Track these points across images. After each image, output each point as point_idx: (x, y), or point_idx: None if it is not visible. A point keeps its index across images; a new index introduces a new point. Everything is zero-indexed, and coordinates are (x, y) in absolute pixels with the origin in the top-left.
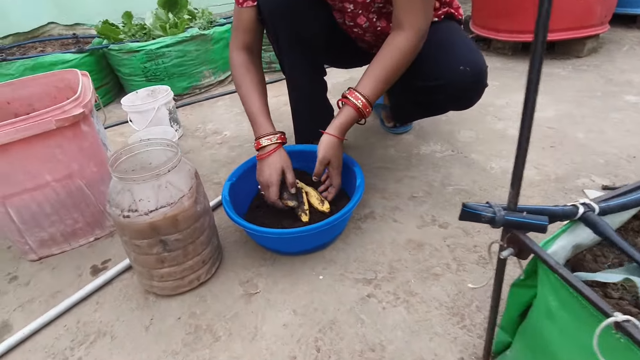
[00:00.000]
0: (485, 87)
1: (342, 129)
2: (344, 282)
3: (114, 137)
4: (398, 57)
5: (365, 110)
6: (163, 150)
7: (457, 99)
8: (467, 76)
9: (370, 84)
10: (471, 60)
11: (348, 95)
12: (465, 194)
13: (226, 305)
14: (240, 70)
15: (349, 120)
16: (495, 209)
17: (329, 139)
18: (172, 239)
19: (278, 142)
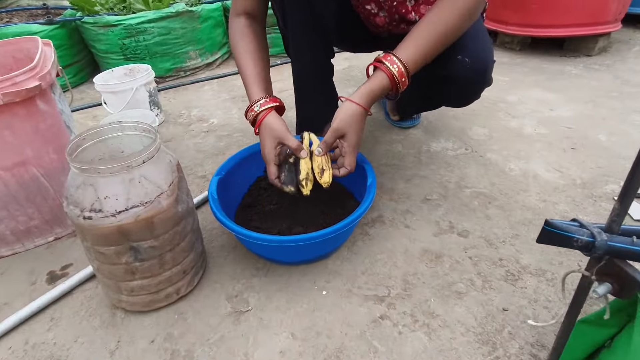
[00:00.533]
0: (486, 84)
1: (369, 97)
2: (352, 299)
3: (86, 120)
4: (453, 20)
5: (400, 79)
6: (138, 137)
7: (451, 93)
8: (465, 68)
9: (412, 49)
10: (473, 51)
11: (383, 59)
12: (485, 198)
13: (210, 325)
14: (235, 36)
15: (379, 89)
16: (592, 230)
17: (349, 107)
18: (145, 246)
19: (267, 107)
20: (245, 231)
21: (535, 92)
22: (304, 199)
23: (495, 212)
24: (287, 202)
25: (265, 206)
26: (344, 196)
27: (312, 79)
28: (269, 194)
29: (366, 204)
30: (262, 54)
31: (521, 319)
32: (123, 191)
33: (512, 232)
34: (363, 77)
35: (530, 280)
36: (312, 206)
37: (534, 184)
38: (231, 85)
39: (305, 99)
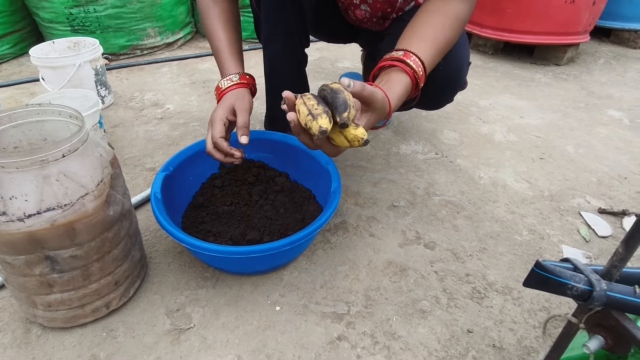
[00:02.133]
0: (460, 88)
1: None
2: (308, 316)
3: (21, 97)
4: (457, 29)
5: (420, 84)
6: (64, 123)
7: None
8: (437, 70)
9: (430, 50)
10: (449, 54)
11: (404, 58)
12: (453, 207)
13: (145, 345)
14: (206, 3)
15: (405, 94)
16: (590, 277)
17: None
18: (65, 256)
19: (240, 82)
20: (190, 239)
21: (506, 98)
22: (259, 202)
23: (464, 223)
24: (242, 203)
25: (219, 207)
26: (305, 199)
27: (285, 67)
28: (223, 193)
29: (328, 213)
30: (236, 24)
31: (486, 342)
32: (34, 191)
33: (479, 245)
34: (335, 69)
35: (497, 299)
36: (269, 208)
37: (503, 194)
38: (192, 69)
39: (276, 88)
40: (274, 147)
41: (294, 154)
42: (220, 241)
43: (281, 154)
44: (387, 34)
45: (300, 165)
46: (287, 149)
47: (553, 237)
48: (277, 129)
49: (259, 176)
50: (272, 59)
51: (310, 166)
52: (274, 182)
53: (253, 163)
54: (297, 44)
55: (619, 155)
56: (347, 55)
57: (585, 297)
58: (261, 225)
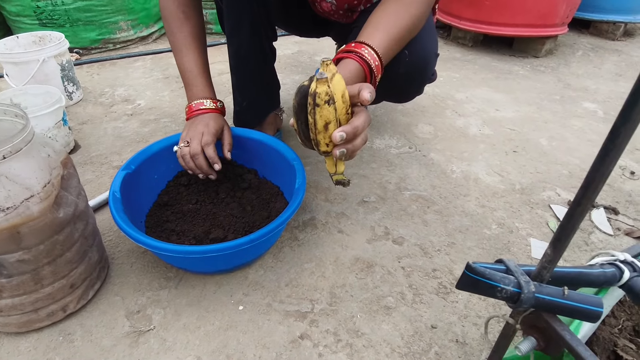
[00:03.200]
0: (427, 80)
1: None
2: (271, 315)
3: None
4: (416, 17)
5: (374, 69)
6: (11, 123)
7: (389, 88)
8: (403, 62)
9: (385, 40)
10: (413, 43)
11: (356, 48)
12: (424, 202)
13: (102, 348)
14: (176, 14)
15: (352, 74)
16: (520, 279)
17: None
18: (11, 260)
19: (216, 108)
20: (147, 239)
21: (483, 90)
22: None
23: (433, 218)
24: (208, 201)
25: (184, 205)
26: (272, 195)
27: (251, 61)
28: (189, 192)
29: (290, 211)
30: (205, 41)
31: (449, 337)
32: None
33: (448, 239)
34: (312, 63)
35: (462, 294)
36: (236, 206)
37: (474, 188)
38: (166, 63)
39: (243, 84)
40: (242, 143)
41: (262, 150)
42: (183, 240)
43: (249, 150)
44: (355, 26)
45: (268, 161)
46: (255, 145)
47: (522, 230)
48: (246, 125)
49: (226, 173)
50: (237, 51)
51: (277, 162)
52: (242, 179)
53: (221, 160)
54: (261, 37)
55: (591, 147)
56: (325, 48)
57: (514, 299)
58: (226, 224)
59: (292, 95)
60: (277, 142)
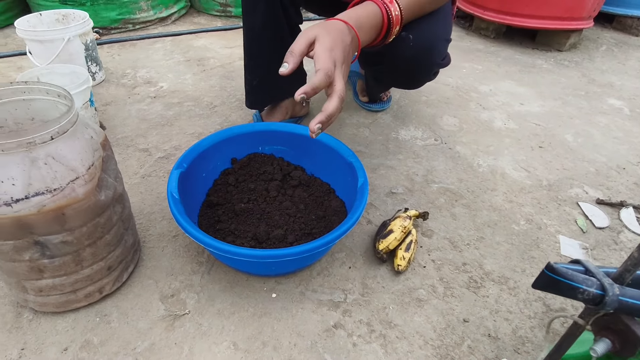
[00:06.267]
0: (436, 65)
1: (358, 21)
2: (304, 304)
3: (8, 71)
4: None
5: (393, 19)
6: (52, 103)
7: (396, 73)
8: (407, 46)
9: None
10: (418, 27)
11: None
12: (452, 195)
13: (139, 330)
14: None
15: (369, 16)
16: (603, 281)
17: (329, 22)
18: (55, 241)
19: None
20: (227, 245)
21: (507, 84)
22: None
23: (462, 212)
24: (260, 200)
25: (235, 204)
26: (324, 193)
27: (264, 38)
28: (238, 190)
29: (359, 211)
30: None
31: (481, 331)
32: (22, 175)
33: (477, 234)
34: None
35: (493, 289)
36: (289, 204)
37: (501, 183)
38: (187, 45)
39: (255, 62)
40: (288, 139)
41: (310, 146)
42: (242, 241)
43: (296, 146)
44: None
45: (317, 158)
46: (303, 141)
47: (550, 227)
48: (255, 106)
49: (274, 170)
50: (252, 28)
51: (329, 159)
52: (290, 177)
53: (267, 157)
54: (279, 15)
55: (617, 145)
56: None
57: (596, 301)
58: (283, 223)
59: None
60: (329, 138)
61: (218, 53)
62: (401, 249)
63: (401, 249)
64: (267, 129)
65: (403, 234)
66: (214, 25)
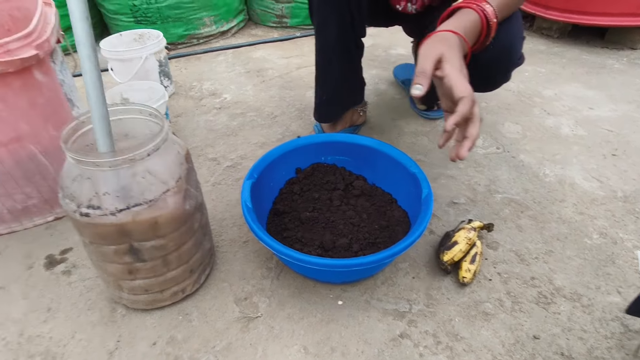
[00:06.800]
0: (514, 64)
1: (465, 31)
2: (370, 312)
3: None
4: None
5: (491, 21)
6: (144, 121)
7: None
8: (487, 48)
9: (500, 2)
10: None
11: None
12: (517, 206)
13: (217, 330)
14: None
15: (471, 26)
16: None
17: (434, 35)
18: (148, 247)
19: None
20: (307, 257)
21: (574, 87)
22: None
23: (528, 223)
24: (324, 209)
25: (301, 213)
26: (386, 203)
27: (335, 57)
28: (303, 199)
29: (425, 222)
30: None
31: (554, 349)
32: (124, 187)
33: (545, 247)
34: (388, 57)
35: (565, 305)
36: (353, 214)
37: (570, 194)
38: (246, 57)
39: (326, 78)
40: (350, 149)
41: (371, 156)
42: (309, 249)
43: (357, 156)
44: (436, 17)
45: (378, 168)
46: (364, 151)
47: (627, 241)
48: (323, 119)
49: (337, 180)
50: (323, 46)
51: (390, 169)
52: (352, 186)
53: (330, 167)
54: (349, 32)
55: None
56: (400, 41)
57: None
58: (347, 232)
59: (371, 89)
60: (390, 149)
61: (276, 64)
62: (466, 260)
63: (466, 261)
64: (329, 140)
65: (468, 246)
66: (271, 36)
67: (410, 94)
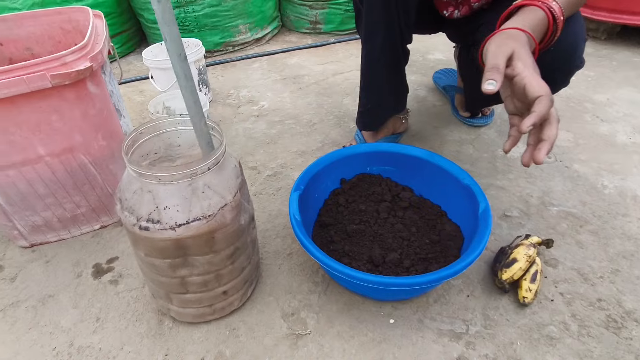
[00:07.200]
0: (575, 68)
1: (533, 30)
2: (424, 332)
3: (132, 95)
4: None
5: (558, 19)
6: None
7: None
8: (548, 51)
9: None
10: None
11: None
12: (575, 220)
13: (265, 347)
14: None
15: (538, 24)
16: None
17: (511, 32)
18: (203, 261)
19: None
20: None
21: (627, 91)
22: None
23: (589, 239)
24: (372, 221)
25: (347, 225)
26: (436, 216)
27: (381, 65)
28: (349, 211)
29: (485, 239)
30: None
31: None
32: (185, 202)
33: (610, 266)
34: (426, 62)
35: (637, 330)
36: (401, 227)
37: (633, 207)
38: (282, 64)
39: (370, 87)
40: (395, 159)
41: (418, 167)
42: (358, 263)
43: (402, 166)
44: (483, 22)
45: (426, 178)
46: (410, 161)
47: None
48: (366, 127)
49: (383, 191)
50: (369, 54)
51: (439, 180)
52: (399, 198)
53: (375, 177)
54: (397, 41)
55: None
56: (438, 46)
57: None
58: (397, 246)
59: (411, 96)
60: (439, 159)
61: (312, 70)
62: (525, 279)
63: (526, 280)
64: (375, 149)
65: (528, 264)
66: (305, 43)
67: (482, 90)
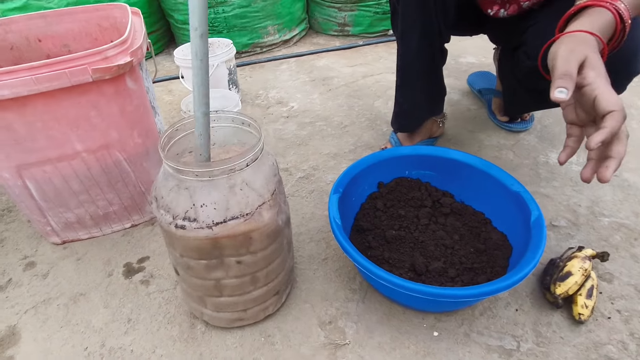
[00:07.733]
0: (633, 75)
1: (602, 34)
2: (471, 347)
3: (161, 94)
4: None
5: (626, 22)
6: (232, 129)
7: None
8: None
9: (631, 1)
10: None
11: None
12: (629, 232)
13: (302, 356)
14: None
15: (606, 28)
16: None
17: (582, 36)
18: (239, 263)
19: None
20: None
21: None
22: (430, 226)
23: None
24: (412, 227)
25: (386, 231)
26: (480, 224)
27: (417, 64)
28: (387, 216)
29: (541, 250)
30: None
31: None
32: (222, 200)
33: None
34: (458, 66)
35: None
36: (443, 234)
37: None
38: (310, 65)
39: (406, 86)
40: (435, 163)
41: (462, 172)
42: (399, 271)
43: (443, 170)
44: (532, 24)
45: (468, 184)
46: (452, 166)
47: None
48: (402, 129)
49: (423, 196)
50: (406, 53)
51: (482, 186)
52: (440, 204)
53: (414, 182)
54: (433, 39)
55: None
56: (468, 49)
57: None
58: (440, 254)
59: (448, 100)
60: (483, 163)
61: (341, 72)
62: (581, 294)
63: (581, 295)
64: (414, 152)
65: (583, 278)
66: (333, 45)
67: (552, 98)
